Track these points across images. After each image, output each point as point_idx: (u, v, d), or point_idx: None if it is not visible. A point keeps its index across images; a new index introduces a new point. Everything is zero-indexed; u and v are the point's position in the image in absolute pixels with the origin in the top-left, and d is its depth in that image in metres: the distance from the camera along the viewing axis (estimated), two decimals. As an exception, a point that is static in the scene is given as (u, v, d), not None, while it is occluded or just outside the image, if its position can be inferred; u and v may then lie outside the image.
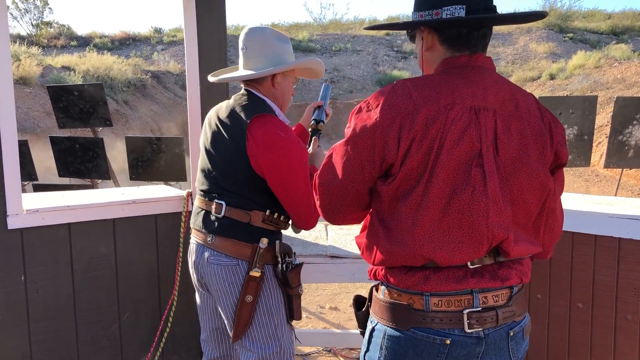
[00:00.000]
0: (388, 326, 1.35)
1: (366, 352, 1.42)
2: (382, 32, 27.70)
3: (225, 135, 2.04)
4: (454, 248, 1.28)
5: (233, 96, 2.18)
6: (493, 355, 1.33)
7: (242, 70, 2.16)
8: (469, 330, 1.28)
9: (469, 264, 1.30)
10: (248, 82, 2.13)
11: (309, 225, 2.09)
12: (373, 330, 1.39)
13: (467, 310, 1.28)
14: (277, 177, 1.97)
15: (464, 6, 1.28)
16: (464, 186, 1.25)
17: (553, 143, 1.35)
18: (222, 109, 2.14)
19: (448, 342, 1.29)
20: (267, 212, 2.02)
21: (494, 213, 1.28)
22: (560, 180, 1.45)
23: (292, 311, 2.10)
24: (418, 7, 1.36)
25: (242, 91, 2.14)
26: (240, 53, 2.17)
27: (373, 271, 1.41)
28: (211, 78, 2.27)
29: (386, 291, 1.37)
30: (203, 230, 2.07)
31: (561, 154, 1.38)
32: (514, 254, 1.32)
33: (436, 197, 1.26)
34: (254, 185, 2.00)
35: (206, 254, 2.05)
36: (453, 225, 1.28)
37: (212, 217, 2.04)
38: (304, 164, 2.00)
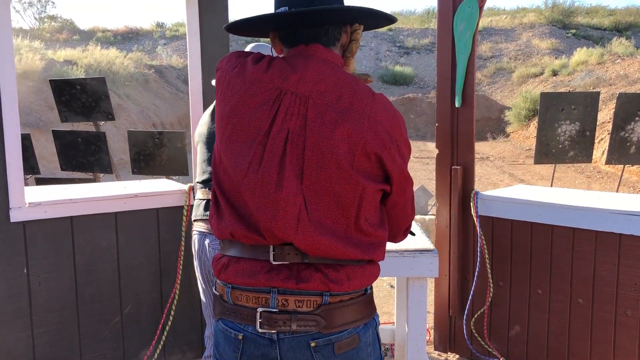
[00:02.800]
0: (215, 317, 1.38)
1: None
2: (385, 27, 27.64)
3: None
4: (246, 228, 1.26)
5: None
6: None
7: None
8: (261, 330, 1.24)
9: (271, 259, 1.24)
10: None
11: None
12: None
13: (260, 309, 1.24)
14: None
15: (287, 7, 1.30)
16: (245, 163, 1.26)
17: (377, 141, 1.24)
18: None
19: (240, 337, 1.28)
20: None
21: (262, 195, 1.23)
22: (399, 183, 1.31)
23: None
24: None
25: None
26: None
27: None
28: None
29: None
30: (204, 217, 2.11)
31: (384, 156, 1.26)
32: (306, 246, 1.22)
33: (228, 168, 1.28)
34: None
35: (207, 241, 2.10)
36: (237, 202, 1.29)
37: None
38: None
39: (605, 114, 11.56)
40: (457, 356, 3.18)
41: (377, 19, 1.40)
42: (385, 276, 2.42)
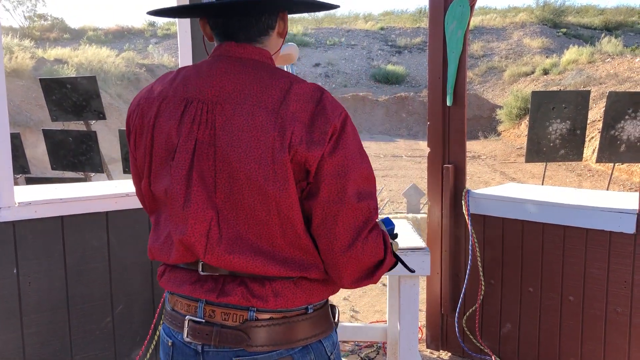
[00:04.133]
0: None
1: None
2: (377, 26, 27.68)
3: None
4: (161, 247, 1.23)
5: None
6: None
7: None
8: (187, 339, 1.20)
9: (200, 269, 1.18)
10: None
11: None
12: None
13: (188, 317, 1.19)
14: None
15: None
16: (165, 182, 1.19)
17: (284, 142, 1.08)
18: None
19: (170, 343, 1.25)
20: None
21: (172, 213, 1.17)
22: (328, 183, 1.10)
23: None
24: None
25: None
26: None
27: None
28: None
29: None
30: None
31: (304, 156, 1.08)
32: (217, 264, 1.14)
33: (156, 192, 1.22)
34: None
35: None
36: (158, 222, 1.25)
37: None
38: None
39: (596, 113, 11.64)
40: (449, 354, 3.19)
41: (310, 7, 1.30)
42: (377, 275, 2.42)
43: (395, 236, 1.32)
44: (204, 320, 1.18)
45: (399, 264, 1.28)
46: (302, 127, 1.09)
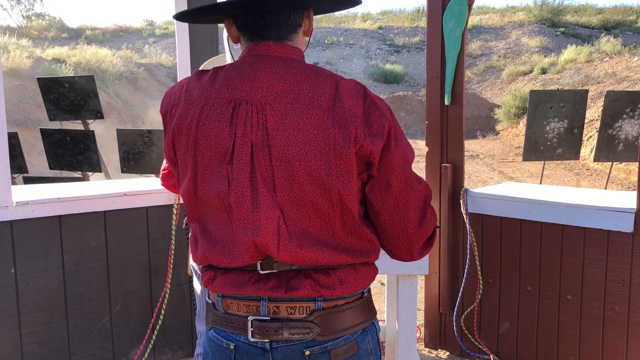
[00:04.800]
0: (204, 323, 1.34)
1: None
2: (375, 25, 27.67)
3: None
4: (222, 251, 1.21)
5: None
6: None
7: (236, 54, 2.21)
8: (252, 339, 1.19)
9: (259, 268, 1.19)
10: None
11: None
12: None
13: (251, 317, 1.19)
14: None
15: None
16: (219, 185, 1.18)
17: (350, 138, 1.13)
18: None
19: (232, 347, 1.23)
20: None
21: (239, 216, 1.16)
22: (397, 174, 1.18)
23: None
24: None
25: None
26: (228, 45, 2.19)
27: None
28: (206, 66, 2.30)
29: None
30: None
31: (369, 149, 1.14)
32: (290, 260, 1.17)
33: (203, 197, 1.21)
34: None
35: None
36: (213, 228, 1.23)
37: None
38: None
39: (594, 112, 11.65)
40: (448, 353, 3.20)
41: (339, 4, 1.31)
42: (375, 274, 2.42)
43: None
44: (269, 318, 1.19)
45: None
46: (360, 122, 1.14)
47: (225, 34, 2.23)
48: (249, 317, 1.20)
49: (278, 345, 1.19)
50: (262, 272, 1.19)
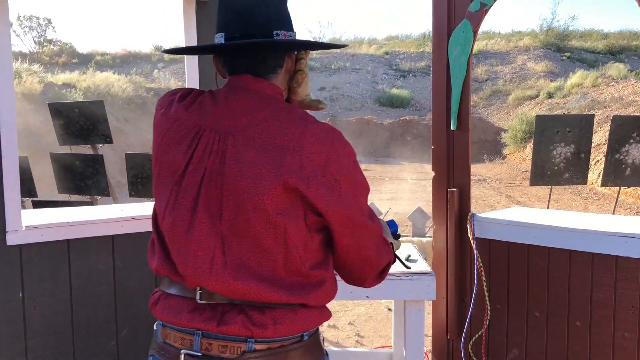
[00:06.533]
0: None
1: None
2: (382, 51, 27.92)
3: None
4: (164, 265, 1.22)
5: None
6: None
7: None
8: None
9: (197, 296, 1.18)
10: None
11: None
12: None
13: (184, 351, 1.18)
14: None
15: (223, 34, 1.24)
16: (162, 203, 1.22)
17: (301, 181, 1.12)
18: None
19: None
20: None
21: (175, 238, 1.18)
22: (342, 225, 1.18)
23: None
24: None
25: None
26: None
27: None
28: None
29: None
30: None
31: (318, 199, 1.14)
32: (222, 291, 1.15)
33: (157, 209, 1.25)
34: None
35: None
36: (163, 242, 1.25)
37: None
38: None
39: (601, 136, 11.64)
40: (456, 380, 3.16)
41: (315, 47, 1.35)
42: (382, 299, 2.41)
43: (398, 236, 1.53)
44: (200, 354, 1.17)
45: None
46: (315, 169, 1.14)
47: None
48: (182, 350, 1.18)
49: None
50: (199, 301, 1.18)
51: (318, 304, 1.21)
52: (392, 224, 1.61)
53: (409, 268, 1.58)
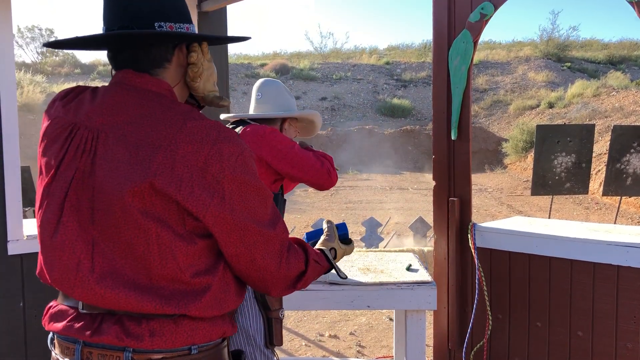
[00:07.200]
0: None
1: None
2: (382, 61, 28.01)
3: None
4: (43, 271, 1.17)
5: None
6: None
7: (259, 110, 2.38)
8: None
9: (80, 306, 1.13)
10: (256, 121, 2.30)
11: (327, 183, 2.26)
12: None
13: None
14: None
15: (105, 27, 1.18)
16: (38, 205, 1.15)
17: (171, 183, 1.05)
18: None
19: None
20: None
21: (42, 241, 1.13)
22: (226, 231, 1.10)
23: (272, 336, 2.10)
24: None
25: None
26: (254, 99, 2.39)
27: None
28: (223, 116, 2.43)
29: None
30: None
31: (189, 201, 1.06)
32: (88, 300, 1.10)
33: (36, 213, 1.18)
34: None
35: None
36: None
37: None
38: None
39: (602, 146, 11.65)
40: (457, 390, 3.14)
41: (201, 39, 1.23)
42: (384, 309, 2.41)
43: (349, 241, 1.53)
44: None
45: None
46: (192, 171, 1.05)
47: (257, 83, 2.40)
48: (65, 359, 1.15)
49: None
50: (81, 310, 1.13)
51: (202, 314, 1.12)
52: (342, 227, 1.52)
53: (344, 278, 1.52)
